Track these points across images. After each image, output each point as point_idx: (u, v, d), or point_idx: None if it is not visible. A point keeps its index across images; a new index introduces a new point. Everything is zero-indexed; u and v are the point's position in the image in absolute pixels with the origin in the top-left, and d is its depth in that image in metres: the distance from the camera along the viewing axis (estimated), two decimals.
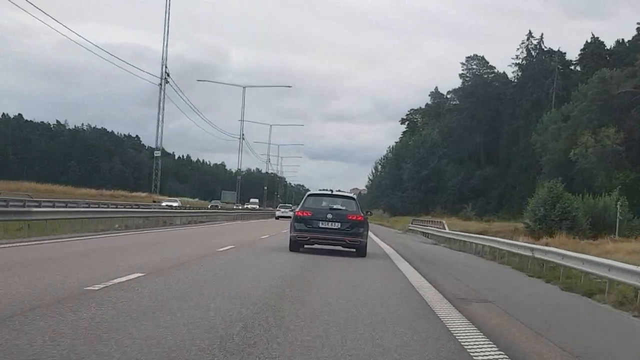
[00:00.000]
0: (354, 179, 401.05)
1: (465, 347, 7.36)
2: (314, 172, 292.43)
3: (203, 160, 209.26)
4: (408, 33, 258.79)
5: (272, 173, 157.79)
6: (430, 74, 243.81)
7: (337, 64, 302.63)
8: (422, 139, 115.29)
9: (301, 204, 21.05)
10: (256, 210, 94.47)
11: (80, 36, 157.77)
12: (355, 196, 22.43)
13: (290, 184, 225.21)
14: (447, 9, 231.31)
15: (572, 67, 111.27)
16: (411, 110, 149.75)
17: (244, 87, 78.33)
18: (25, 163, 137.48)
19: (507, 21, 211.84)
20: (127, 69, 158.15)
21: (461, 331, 8.32)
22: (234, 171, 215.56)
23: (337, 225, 19.77)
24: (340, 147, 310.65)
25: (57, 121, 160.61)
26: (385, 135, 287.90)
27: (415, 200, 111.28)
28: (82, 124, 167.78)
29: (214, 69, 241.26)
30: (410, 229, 54.95)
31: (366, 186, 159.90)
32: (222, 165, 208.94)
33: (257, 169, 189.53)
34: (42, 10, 75.65)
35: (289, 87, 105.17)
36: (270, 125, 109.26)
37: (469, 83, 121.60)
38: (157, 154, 50.72)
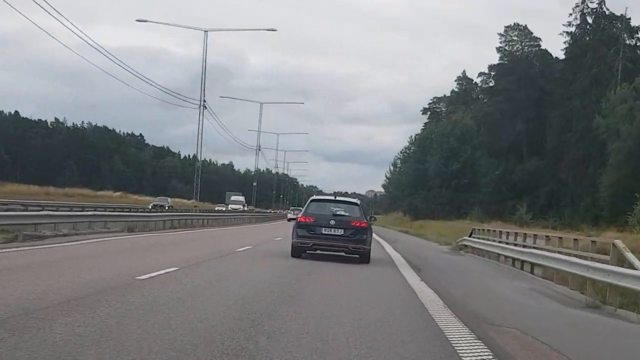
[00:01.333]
0: (370, 181, 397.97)
1: None
2: (330, 174, 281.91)
3: (210, 160, 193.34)
4: (426, 33, 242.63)
5: (283, 174, 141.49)
6: (447, 75, 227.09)
7: (353, 65, 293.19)
8: (451, 125, 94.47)
9: (304, 209, 20.99)
10: (238, 212, 71.25)
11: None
12: (359, 202, 22.23)
13: (302, 185, 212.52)
14: (463, 7, 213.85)
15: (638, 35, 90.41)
16: (434, 98, 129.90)
17: (206, 32, 59.50)
18: (20, 163, 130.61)
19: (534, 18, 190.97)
20: None
21: None
22: (242, 172, 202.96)
23: (340, 231, 19.62)
24: (356, 149, 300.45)
25: (56, 119, 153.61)
26: (402, 136, 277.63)
27: (444, 201, 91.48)
28: (82, 121, 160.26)
29: (232, 71, 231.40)
30: (465, 244, 33.85)
31: (383, 186, 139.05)
32: (230, 165, 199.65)
33: (267, 168, 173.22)
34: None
35: (274, 30, 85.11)
36: (261, 104, 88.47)
37: (507, 58, 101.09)
38: None
